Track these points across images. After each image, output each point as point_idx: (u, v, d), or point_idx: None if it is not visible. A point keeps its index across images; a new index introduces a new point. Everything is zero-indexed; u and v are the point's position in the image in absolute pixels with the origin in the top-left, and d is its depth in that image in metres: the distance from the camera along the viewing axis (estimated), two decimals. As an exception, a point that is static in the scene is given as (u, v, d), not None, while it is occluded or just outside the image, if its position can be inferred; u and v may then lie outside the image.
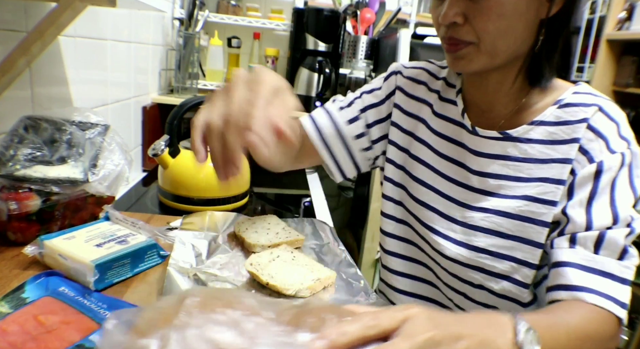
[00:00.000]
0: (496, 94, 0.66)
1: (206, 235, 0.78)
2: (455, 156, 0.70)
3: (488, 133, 0.66)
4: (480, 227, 0.65)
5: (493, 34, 0.58)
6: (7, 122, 0.74)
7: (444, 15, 0.58)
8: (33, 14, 0.78)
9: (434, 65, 0.79)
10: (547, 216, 0.61)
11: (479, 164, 0.67)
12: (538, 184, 0.62)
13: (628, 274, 0.56)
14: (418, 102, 0.76)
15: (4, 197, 0.66)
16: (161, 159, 0.96)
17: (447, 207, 0.69)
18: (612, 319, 0.54)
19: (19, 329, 0.48)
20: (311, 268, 0.67)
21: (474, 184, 0.67)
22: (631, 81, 2.01)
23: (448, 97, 0.74)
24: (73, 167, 0.72)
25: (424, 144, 0.74)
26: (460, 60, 0.61)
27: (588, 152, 0.59)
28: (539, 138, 0.63)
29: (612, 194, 0.58)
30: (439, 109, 0.74)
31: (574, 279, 0.56)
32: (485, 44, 0.59)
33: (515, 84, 0.65)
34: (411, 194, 0.74)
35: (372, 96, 0.79)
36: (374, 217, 1.74)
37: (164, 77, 1.61)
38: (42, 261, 0.64)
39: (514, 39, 0.59)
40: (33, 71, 0.81)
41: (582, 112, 0.61)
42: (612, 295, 0.54)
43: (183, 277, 0.63)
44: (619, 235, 0.56)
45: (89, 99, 1.03)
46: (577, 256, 0.57)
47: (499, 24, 0.57)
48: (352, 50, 1.85)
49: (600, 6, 2.13)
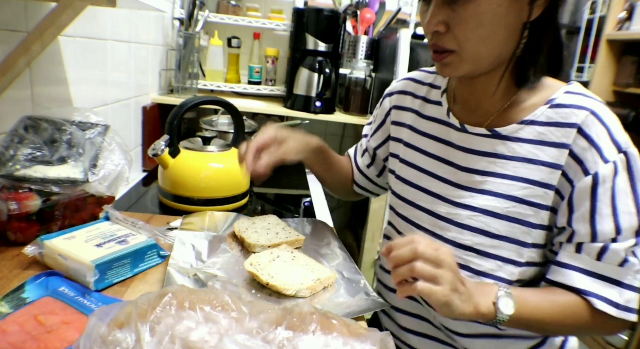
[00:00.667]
0: (484, 94, 0.67)
1: (206, 235, 0.78)
2: (442, 154, 0.72)
3: (477, 130, 0.67)
4: (467, 225, 0.66)
5: (474, 42, 0.59)
6: (7, 122, 0.74)
7: (427, 23, 0.60)
8: (33, 14, 0.78)
9: (423, 72, 0.82)
10: (534, 217, 0.62)
11: (466, 161, 0.68)
12: (525, 186, 0.62)
13: (629, 279, 0.60)
14: (405, 111, 0.80)
15: (4, 197, 0.66)
16: (161, 159, 0.96)
17: (433, 204, 0.71)
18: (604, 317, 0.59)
19: (19, 329, 0.48)
20: (311, 267, 0.67)
21: (460, 181, 0.69)
22: (631, 81, 2.01)
23: (433, 99, 0.76)
24: (73, 167, 0.72)
25: (411, 148, 0.76)
26: (445, 67, 0.63)
27: (582, 162, 0.59)
28: (528, 138, 0.63)
29: (613, 204, 0.59)
30: (425, 111, 0.76)
31: (577, 282, 0.60)
32: (466, 52, 0.60)
33: (502, 84, 0.66)
34: (399, 195, 0.77)
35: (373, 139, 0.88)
36: (374, 218, 1.74)
37: (164, 77, 1.61)
38: (42, 261, 0.64)
39: (496, 45, 0.60)
40: (33, 71, 0.81)
41: (573, 116, 0.60)
42: (607, 297, 0.59)
43: (183, 277, 0.63)
44: (620, 247, 0.59)
45: (89, 99, 1.03)
46: (581, 261, 0.61)
47: (479, 32, 0.58)
48: (352, 50, 1.85)
49: (600, 6, 2.13)
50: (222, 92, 1.86)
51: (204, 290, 0.47)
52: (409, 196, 0.74)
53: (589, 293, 0.60)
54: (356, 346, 0.44)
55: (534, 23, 0.60)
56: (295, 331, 0.44)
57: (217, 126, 1.40)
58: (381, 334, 0.47)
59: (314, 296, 0.64)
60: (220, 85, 1.80)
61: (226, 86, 1.82)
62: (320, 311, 0.47)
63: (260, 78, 1.89)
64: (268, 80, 1.90)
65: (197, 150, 1.01)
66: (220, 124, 1.42)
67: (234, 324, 0.43)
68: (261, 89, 1.85)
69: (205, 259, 0.70)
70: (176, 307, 0.42)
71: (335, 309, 0.60)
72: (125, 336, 0.39)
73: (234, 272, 0.67)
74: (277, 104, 1.81)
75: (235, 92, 1.88)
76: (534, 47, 0.62)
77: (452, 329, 0.70)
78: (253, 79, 1.88)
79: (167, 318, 0.41)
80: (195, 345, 0.39)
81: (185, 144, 1.03)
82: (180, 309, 0.42)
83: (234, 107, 1.06)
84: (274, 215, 0.86)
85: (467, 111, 0.71)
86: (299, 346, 0.43)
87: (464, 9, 0.57)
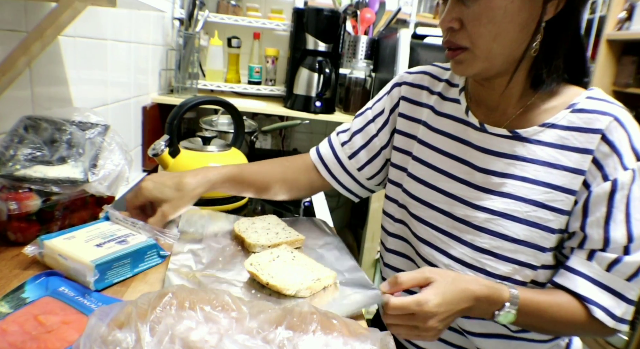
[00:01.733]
0: (503, 94, 0.66)
1: (206, 235, 0.78)
2: (459, 154, 0.70)
3: (497, 131, 0.66)
4: (485, 228, 0.65)
5: (486, 38, 0.59)
6: (7, 122, 0.74)
7: (442, 20, 0.61)
8: (33, 14, 0.78)
9: (438, 67, 0.79)
10: (554, 223, 0.62)
11: (484, 161, 0.67)
12: (547, 191, 0.62)
13: (632, 294, 0.61)
14: (420, 106, 0.77)
15: (4, 197, 0.66)
16: (161, 159, 0.96)
17: (450, 206, 0.69)
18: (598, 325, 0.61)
19: (19, 329, 0.48)
20: (311, 267, 0.67)
21: (477, 182, 0.67)
22: (631, 81, 2.01)
23: (450, 97, 0.74)
24: (73, 167, 0.72)
25: (426, 145, 0.74)
26: (459, 64, 0.63)
27: (603, 167, 0.59)
28: (549, 141, 0.63)
29: (627, 211, 0.59)
30: (441, 109, 0.74)
31: (582, 289, 0.61)
32: (479, 49, 0.60)
33: (518, 85, 0.65)
34: (412, 195, 0.74)
35: (374, 124, 0.81)
36: (374, 217, 1.74)
37: (164, 77, 1.61)
38: (42, 261, 0.64)
39: (509, 43, 0.59)
40: (33, 71, 0.81)
41: (597, 121, 0.60)
42: (607, 307, 0.60)
43: (182, 278, 0.63)
44: (633, 261, 0.59)
45: (89, 99, 1.03)
46: (590, 269, 0.61)
47: (490, 28, 0.58)
48: (352, 50, 1.85)
49: (600, 6, 2.13)
50: (222, 92, 1.86)
51: (204, 290, 0.47)
52: (424, 196, 0.73)
53: (590, 301, 0.60)
54: (356, 346, 0.44)
55: (550, 23, 0.60)
56: (295, 331, 0.44)
57: (217, 126, 1.40)
58: (381, 334, 0.47)
59: (314, 296, 0.63)
60: (220, 85, 1.80)
61: (226, 86, 1.82)
62: (320, 311, 0.47)
63: (260, 78, 1.89)
64: (268, 80, 1.90)
65: (197, 150, 1.01)
66: (220, 124, 1.42)
67: (234, 324, 0.43)
68: (261, 89, 1.85)
69: (204, 260, 0.70)
70: (176, 307, 0.42)
71: (336, 309, 0.60)
72: (125, 336, 0.39)
73: (234, 272, 0.67)
74: (277, 104, 1.81)
75: (235, 92, 1.88)
76: (548, 48, 0.61)
77: (466, 329, 0.70)
78: (253, 79, 1.88)
79: (167, 318, 0.41)
80: (196, 345, 0.39)
81: (185, 144, 1.03)
82: (181, 309, 0.42)
83: (234, 107, 1.06)
84: (273, 215, 0.86)
85: (484, 112, 0.69)
86: (299, 346, 0.43)
87: (477, 5, 0.57)
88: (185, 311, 0.42)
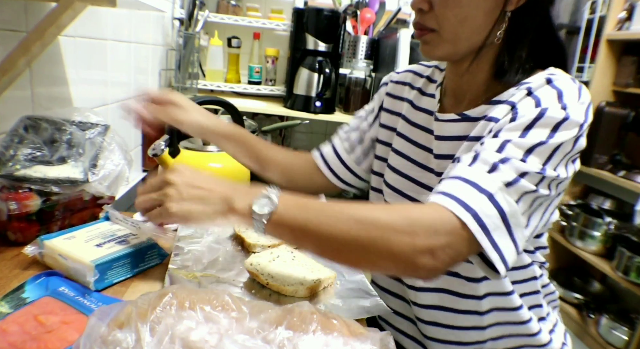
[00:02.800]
0: (468, 83, 0.68)
1: (206, 235, 0.78)
2: (424, 142, 0.73)
3: (446, 116, 0.69)
4: None
5: (452, 22, 0.60)
6: (7, 122, 0.74)
7: (413, 2, 0.63)
8: (33, 14, 0.78)
9: (423, 66, 0.82)
10: None
11: (438, 147, 0.70)
12: None
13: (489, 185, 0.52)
14: (401, 101, 0.80)
15: (4, 197, 0.66)
16: (161, 159, 0.95)
17: (418, 193, 0.73)
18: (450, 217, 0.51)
19: (19, 329, 0.48)
20: (311, 268, 0.67)
21: (435, 167, 0.70)
22: (631, 81, 2.01)
23: (428, 92, 0.77)
24: (73, 167, 0.72)
25: (403, 138, 0.77)
26: (425, 45, 0.65)
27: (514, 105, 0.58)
28: (496, 116, 0.61)
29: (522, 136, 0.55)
30: (419, 103, 0.77)
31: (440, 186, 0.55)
32: (445, 31, 0.61)
33: (484, 73, 0.66)
34: (389, 184, 0.78)
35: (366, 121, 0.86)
36: (374, 217, 1.74)
37: (164, 77, 1.61)
38: (42, 261, 0.64)
39: (475, 28, 0.61)
40: (33, 71, 0.81)
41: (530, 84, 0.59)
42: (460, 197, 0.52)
43: (182, 278, 0.63)
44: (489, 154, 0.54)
45: (89, 99, 1.03)
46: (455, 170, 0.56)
47: (456, 12, 0.59)
48: (352, 50, 1.85)
49: (600, 6, 2.13)
50: (222, 92, 1.86)
51: (204, 290, 0.47)
52: (398, 185, 0.76)
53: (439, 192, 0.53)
54: (356, 346, 0.44)
55: (515, 14, 0.60)
56: (295, 331, 0.44)
57: (217, 126, 1.40)
58: (381, 334, 0.47)
59: (314, 296, 0.64)
60: (220, 85, 1.80)
61: (226, 86, 1.82)
62: (320, 311, 0.47)
63: (260, 78, 1.89)
64: (268, 80, 1.90)
65: (197, 150, 1.01)
66: (220, 124, 1.42)
67: (234, 324, 0.43)
68: (261, 89, 1.85)
69: (204, 260, 0.70)
70: (176, 307, 0.42)
71: (335, 310, 0.60)
72: (125, 336, 0.39)
73: (234, 272, 0.67)
74: (277, 104, 1.81)
75: (235, 92, 1.88)
76: (511, 38, 0.62)
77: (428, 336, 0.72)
78: (253, 79, 1.88)
79: (167, 318, 0.41)
80: (196, 345, 0.39)
81: (185, 144, 1.03)
82: (181, 309, 0.42)
83: (234, 107, 1.06)
84: (274, 215, 0.86)
85: (452, 103, 0.72)
86: (299, 346, 0.43)
87: None
88: (185, 311, 0.42)
